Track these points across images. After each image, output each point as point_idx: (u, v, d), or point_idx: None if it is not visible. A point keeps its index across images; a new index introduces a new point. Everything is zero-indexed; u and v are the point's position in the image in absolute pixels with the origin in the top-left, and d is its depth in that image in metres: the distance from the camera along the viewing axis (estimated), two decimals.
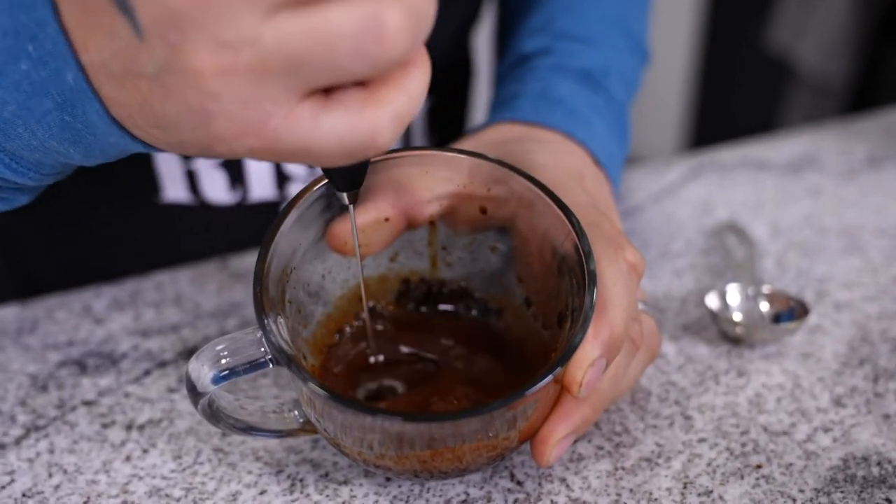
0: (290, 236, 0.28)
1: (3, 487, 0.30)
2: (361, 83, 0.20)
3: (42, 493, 0.30)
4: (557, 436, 0.28)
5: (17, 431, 0.33)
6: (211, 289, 0.41)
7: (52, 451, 0.32)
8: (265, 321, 0.25)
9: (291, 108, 0.20)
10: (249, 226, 0.44)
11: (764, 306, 0.38)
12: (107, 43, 0.20)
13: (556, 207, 0.29)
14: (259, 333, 0.26)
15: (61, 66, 0.21)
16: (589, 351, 0.26)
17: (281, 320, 0.27)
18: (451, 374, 0.32)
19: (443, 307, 0.34)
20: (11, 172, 0.25)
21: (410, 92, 0.20)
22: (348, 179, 0.26)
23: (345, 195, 0.26)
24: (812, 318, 0.38)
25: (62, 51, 0.21)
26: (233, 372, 0.26)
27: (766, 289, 0.38)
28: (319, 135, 0.20)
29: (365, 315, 0.32)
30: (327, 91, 0.20)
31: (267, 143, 0.20)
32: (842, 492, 0.30)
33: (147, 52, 0.19)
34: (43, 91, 0.22)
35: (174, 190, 0.43)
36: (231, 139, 0.20)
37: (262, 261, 0.27)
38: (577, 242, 0.28)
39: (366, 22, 0.18)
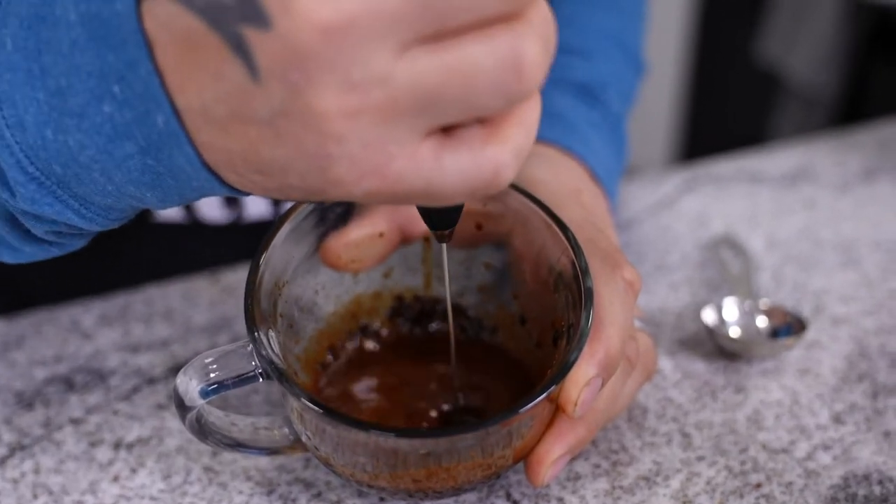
0: (282, 249, 0.28)
1: None
2: (481, 120, 0.19)
3: None
4: (552, 456, 0.27)
5: (1, 451, 0.32)
6: (202, 303, 0.40)
7: (37, 472, 0.31)
8: (256, 334, 0.25)
9: (415, 148, 0.18)
10: (243, 244, 0.43)
11: (761, 321, 0.37)
12: (211, 85, 0.18)
13: (552, 223, 0.28)
14: (249, 347, 0.25)
15: (151, 109, 0.19)
16: (584, 370, 0.26)
17: (272, 334, 0.26)
18: (445, 393, 0.32)
19: (437, 326, 0.34)
20: (79, 218, 0.23)
21: (528, 126, 0.19)
22: (446, 218, 0.24)
23: (439, 234, 0.25)
24: (810, 333, 0.38)
25: (154, 93, 0.19)
26: (221, 385, 0.25)
27: (763, 303, 0.38)
28: (443, 175, 0.19)
29: (452, 352, 0.30)
30: (446, 129, 0.19)
31: (388, 185, 0.19)
32: None
33: (262, 95, 0.18)
34: (126, 134, 0.20)
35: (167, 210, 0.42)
36: (350, 183, 0.19)
37: (253, 273, 0.26)
38: (574, 259, 0.27)
39: (506, 56, 0.17)
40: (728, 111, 1.57)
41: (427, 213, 0.24)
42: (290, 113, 0.18)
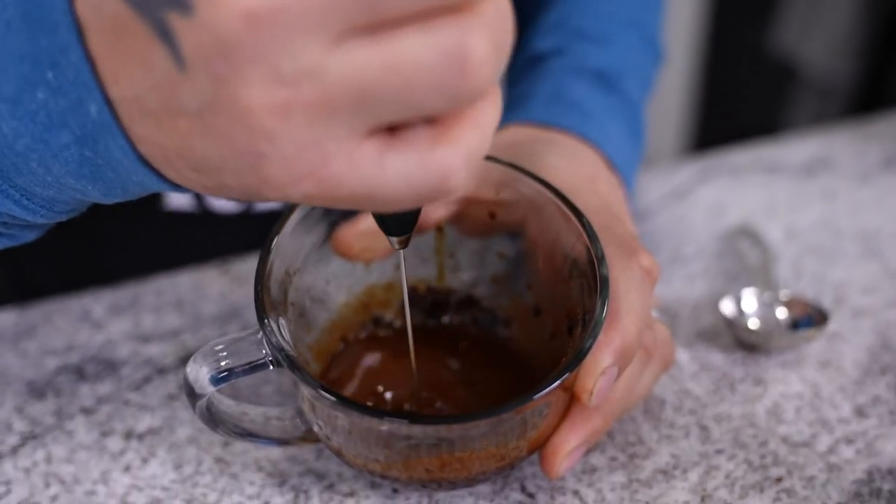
0: (293, 238, 0.28)
1: (0, 498, 0.29)
2: (430, 119, 0.18)
3: (39, 503, 0.29)
4: (568, 447, 0.27)
5: (13, 440, 0.32)
6: (212, 293, 0.40)
7: (49, 461, 0.31)
8: (266, 321, 0.25)
9: (354, 148, 0.17)
10: (253, 234, 0.43)
11: (781, 313, 0.37)
12: (141, 75, 0.17)
13: (567, 211, 0.28)
14: (260, 334, 0.25)
15: (83, 97, 0.19)
16: (600, 359, 0.25)
17: (283, 322, 0.26)
18: (458, 386, 0.31)
19: (450, 318, 0.33)
20: (21, 210, 0.23)
21: (483, 128, 0.18)
22: (401, 223, 0.23)
23: (395, 240, 0.23)
24: (831, 325, 0.37)
25: (86, 80, 0.18)
26: (232, 373, 0.25)
27: (783, 295, 0.37)
28: (385, 178, 0.17)
29: (410, 345, 0.29)
30: (391, 129, 0.18)
31: (326, 188, 0.17)
32: None
33: (189, 86, 0.17)
34: (61, 123, 0.20)
35: (178, 196, 0.42)
36: (284, 185, 0.17)
37: (263, 261, 0.26)
38: (589, 246, 0.27)
39: (448, 51, 0.16)
40: (742, 101, 1.55)
41: (381, 218, 0.23)
42: (217, 107, 0.17)
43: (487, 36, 0.16)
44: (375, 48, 0.16)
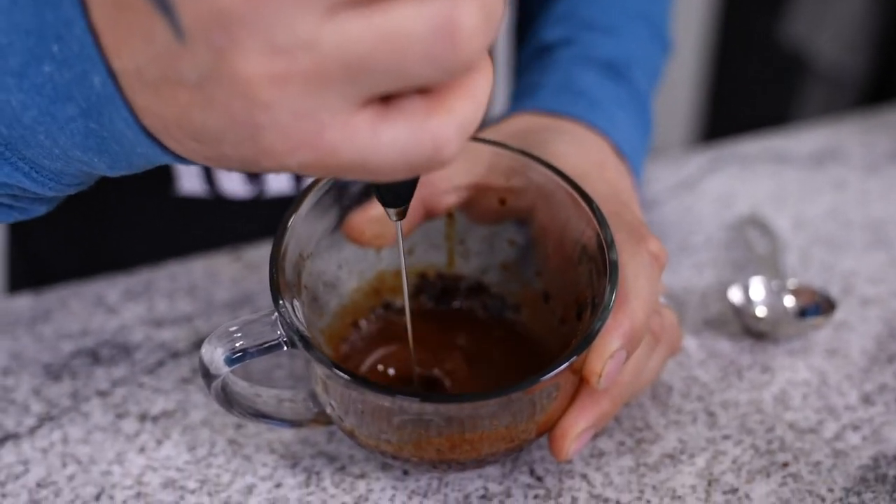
0: (306, 223, 0.28)
1: (18, 477, 0.30)
2: (423, 90, 0.18)
3: (56, 483, 0.30)
4: (576, 429, 0.27)
5: (31, 421, 0.32)
6: (224, 280, 0.40)
7: (65, 442, 0.32)
8: (281, 301, 0.25)
9: (349, 118, 0.18)
10: (264, 220, 0.44)
11: (789, 301, 0.37)
12: (142, 47, 0.18)
13: (577, 196, 0.28)
14: (274, 315, 0.25)
15: (88, 70, 0.19)
16: (609, 342, 0.26)
17: (297, 303, 0.26)
18: (469, 368, 0.32)
19: (459, 304, 0.34)
20: (31, 182, 0.23)
21: (476, 99, 0.18)
22: (397, 195, 0.23)
23: (392, 212, 0.24)
24: (838, 314, 0.38)
25: (90, 53, 0.19)
26: (246, 353, 0.25)
27: (790, 283, 0.37)
28: (379, 148, 0.18)
29: (408, 323, 0.30)
30: (385, 99, 0.18)
31: (321, 157, 0.18)
32: (873, 491, 0.29)
33: (188, 57, 0.17)
34: (67, 96, 0.20)
35: (190, 181, 0.42)
36: (281, 154, 0.18)
37: (278, 242, 0.26)
38: (599, 232, 0.27)
39: (438, 22, 0.17)
40: (752, 92, 1.55)
41: (377, 189, 0.23)
42: (216, 77, 0.17)
43: (477, 8, 0.17)
44: (368, 20, 0.16)
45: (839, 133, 0.54)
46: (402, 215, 0.24)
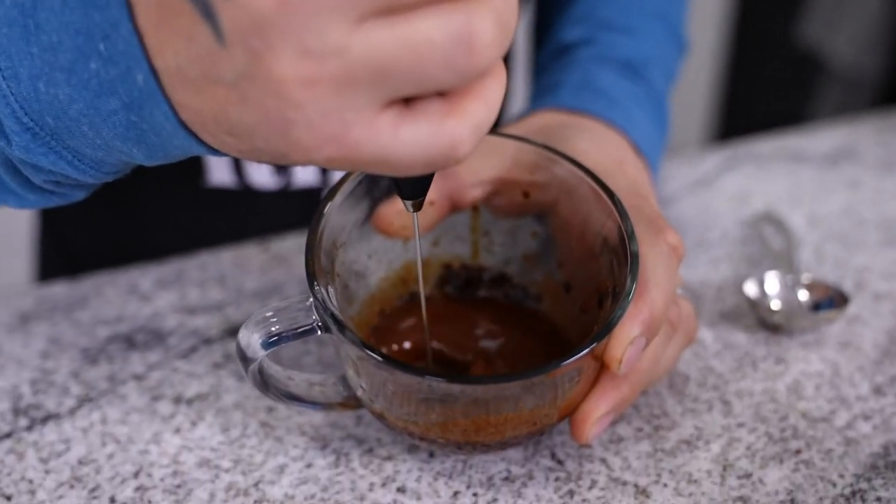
0: (338, 214, 0.29)
1: (60, 455, 0.32)
2: (442, 93, 0.20)
3: (96, 460, 0.31)
4: (597, 413, 0.28)
5: (71, 402, 0.34)
6: (253, 270, 0.42)
7: (104, 422, 0.33)
8: (316, 286, 0.26)
9: (373, 118, 0.19)
10: (291, 211, 0.45)
11: (803, 295, 0.38)
12: (184, 48, 0.20)
13: (599, 190, 0.29)
14: (308, 301, 0.27)
15: (132, 67, 0.21)
16: (629, 329, 0.27)
17: (331, 290, 0.28)
18: (491, 360, 0.33)
19: (483, 294, 0.35)
20: (73, 169, 0.25)
21: (489, 102, 0.20)
22: (414, 188, 0.25)
23: (409, 203, 0.26)
24: (851, 308, 0.38)
25: (134, 52, 0.21)
26: (281, 337, 0.27)
27: (805, 278, 0.38)
28: (400, 146, 0.20)
29: (423, 309, 0.31)
30: (406, 101, 0.20)
31: (346, 152, 0.20)
32: (883, 478, 0.30)
33: (227, 58, 0.19)
34: (111, 91, 0.22)
35: (220, 173, 0.44)
36: (309, 149, 0.20)
37: (314, 231, 0.27)
38: (620, 224, 0.28)
39: (457, 33, 0.18)
40: (768, 92, 1.55)
41: (396, 183, 0.25)
42: (252, 77, 0.19)
43: (494, 19, 0.19)
44: (393, 30, 0.18)
45: (854, 133, 0.55)
46: (418, 207, 0.26)
